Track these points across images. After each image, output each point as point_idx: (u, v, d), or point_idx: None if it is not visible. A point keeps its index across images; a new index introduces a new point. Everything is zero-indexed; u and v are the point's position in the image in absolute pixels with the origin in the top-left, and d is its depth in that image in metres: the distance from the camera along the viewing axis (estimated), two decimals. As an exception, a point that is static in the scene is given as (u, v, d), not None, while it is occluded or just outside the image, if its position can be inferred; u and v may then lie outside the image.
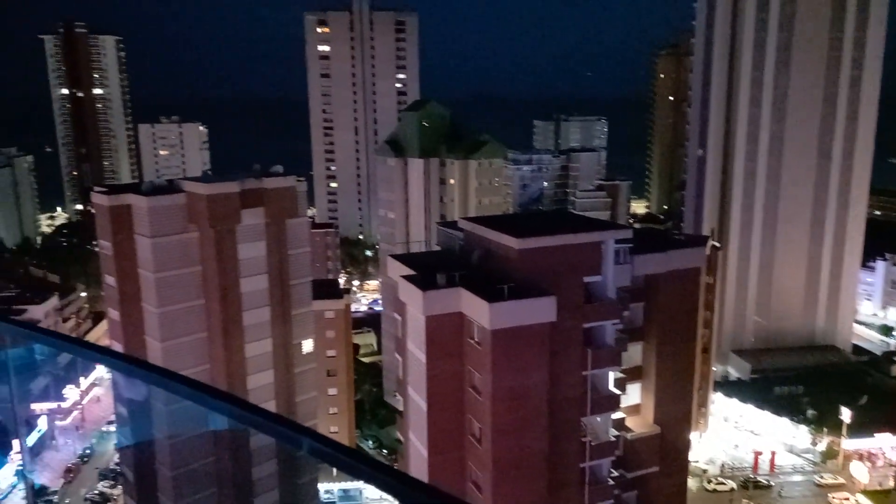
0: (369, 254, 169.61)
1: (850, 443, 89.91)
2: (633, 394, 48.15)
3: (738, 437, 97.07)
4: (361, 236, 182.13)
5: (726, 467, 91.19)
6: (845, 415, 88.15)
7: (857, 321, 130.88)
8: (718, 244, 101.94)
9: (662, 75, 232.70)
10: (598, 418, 44.41)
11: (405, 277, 43.12)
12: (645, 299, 46.89)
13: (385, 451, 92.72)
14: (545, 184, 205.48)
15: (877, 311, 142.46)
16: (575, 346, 41.95)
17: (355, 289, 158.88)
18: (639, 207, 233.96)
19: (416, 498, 3.13)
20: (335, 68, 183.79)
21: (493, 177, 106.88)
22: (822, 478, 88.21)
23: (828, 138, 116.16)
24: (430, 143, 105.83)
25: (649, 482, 48.08)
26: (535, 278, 40.33)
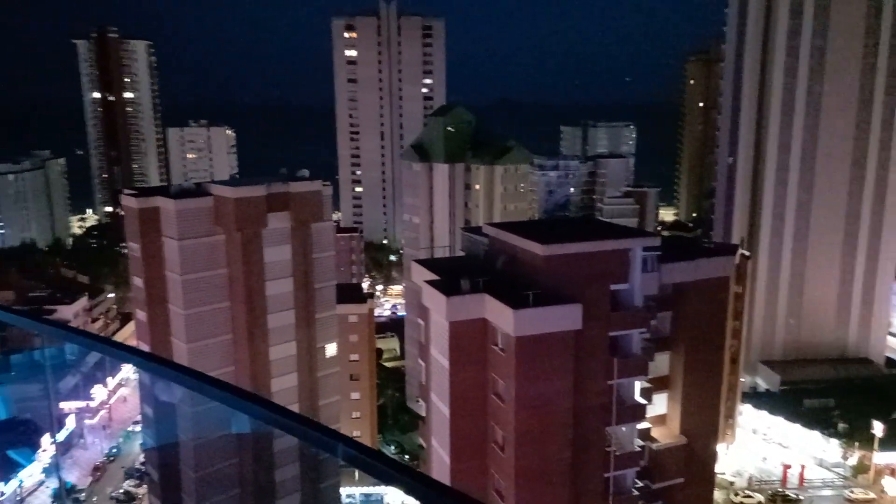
0: (393, 258, 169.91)
1: (882, 457, 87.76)
2: (660, 404, 47.41)
3: (766, 449, 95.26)
4: (386, 241, 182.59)
5: (754, 480, 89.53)
6: (877, 428, 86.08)
7: (891, 333, 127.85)
8: (748, 253, 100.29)
9: (692, 81, 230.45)
10: (624, 428, 43.80)
11: (429, 282, 42.93)
12: (673, 308, 46.19)
13: (407, 457, 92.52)
14: (572, 190, 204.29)
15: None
16: (600, 354, 41.41)
17: (379, 293, 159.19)
18: (667, 215, 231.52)
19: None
20: (362, 73, 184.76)
21: (519, 182, 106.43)
22: (853, 493, 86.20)
23: (862, 146, 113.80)
24: (456, 148, 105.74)
25: (675, 494, 47.27)
26: (560, 285, 39.88)
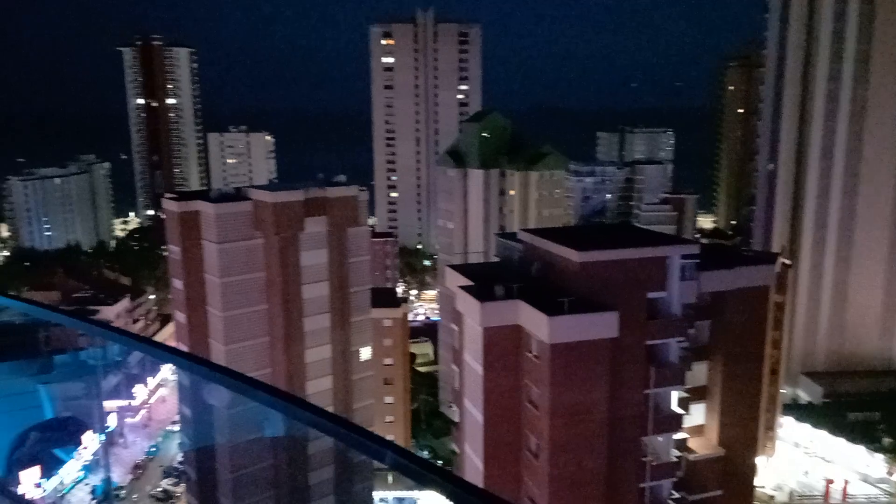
0: (427, 263, 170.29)
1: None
2: (697, 414, 46.64)
3: (808, 463, 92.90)
4: (420, 246, 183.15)
5: (795, 494, 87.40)
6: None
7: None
8: (789, 262, 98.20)
9: (731, 87, 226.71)
10: (660, 438, 43.15)
11: (463, 288, 42.93)
12: (711, 317, 45.44)
13: (440, 462, 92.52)
14: (608, 196, 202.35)
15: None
16: (637, 363, 40.90)
17: (413, 298, 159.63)
18: (706, 222, 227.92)
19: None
20: (398, 80, 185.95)
21: (554, 188, 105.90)
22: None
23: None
24: (491, 153, 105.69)
25: (712, 507, 46.39)
26: (596, 292, 39.53)
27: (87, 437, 80.00)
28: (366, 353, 70.09)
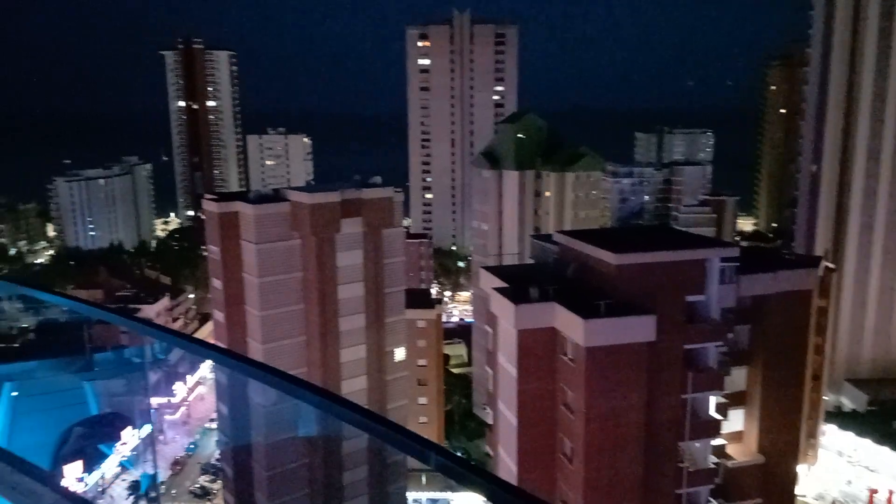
0: (462, 265, 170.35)
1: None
2: (736, 420, 45.79)
3: (851, 472, 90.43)
4: (454, 247, 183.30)
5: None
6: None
7: None
8: (833, 265, 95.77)
9: (773, 87, 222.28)
10: (697, 444, 42.47)
11: (497, 290, 42.80)
12: (751, 321, 44.58)
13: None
14: (646, 198, 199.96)
15: None
16: (674, 367, 40.33)
17: (447, 299, 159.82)
18: (746, 225, 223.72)
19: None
20: (434, 81, 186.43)
21: (591, 190, 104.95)
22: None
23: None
24: (527, 155, 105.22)
25: (751, 515, 45.49)
26: (633, 296, 39.07)
27: (126, 434, 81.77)
28: (400, 353, 70.34)
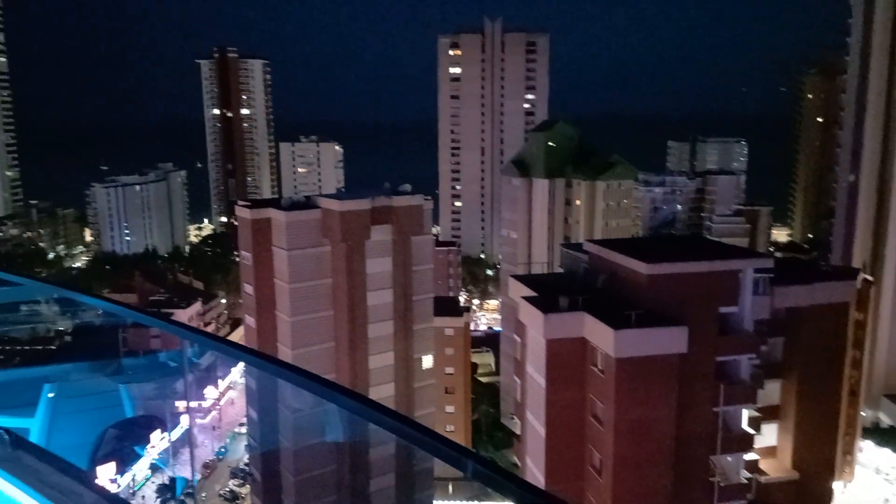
0: (490, 273, 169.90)
1: None
2: (769, 434, 44.92)
3: (889, 490, 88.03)
4: (483, 255, 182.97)
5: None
6: None
7: None
8: (871, 278, 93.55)
9: (810, 95, 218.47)
10: (729, 458, 41.74)
11: (526, 299, 42.62)
12: (786, 334, 43.78)
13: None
14: (679, 207, 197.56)
15: None
16: (706, 379, 39.71)
17: (475, 307, 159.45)
18: (780, 235, 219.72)
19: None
20: (465, 90, 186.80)
21: (622, 199, 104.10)
22: None
23: None
24: (557, 163, 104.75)
25: (785, 532, 44.52)
26: (664, 306, 38.60)
27: (155, 437, 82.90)
28: (428, 361, 70.36)
